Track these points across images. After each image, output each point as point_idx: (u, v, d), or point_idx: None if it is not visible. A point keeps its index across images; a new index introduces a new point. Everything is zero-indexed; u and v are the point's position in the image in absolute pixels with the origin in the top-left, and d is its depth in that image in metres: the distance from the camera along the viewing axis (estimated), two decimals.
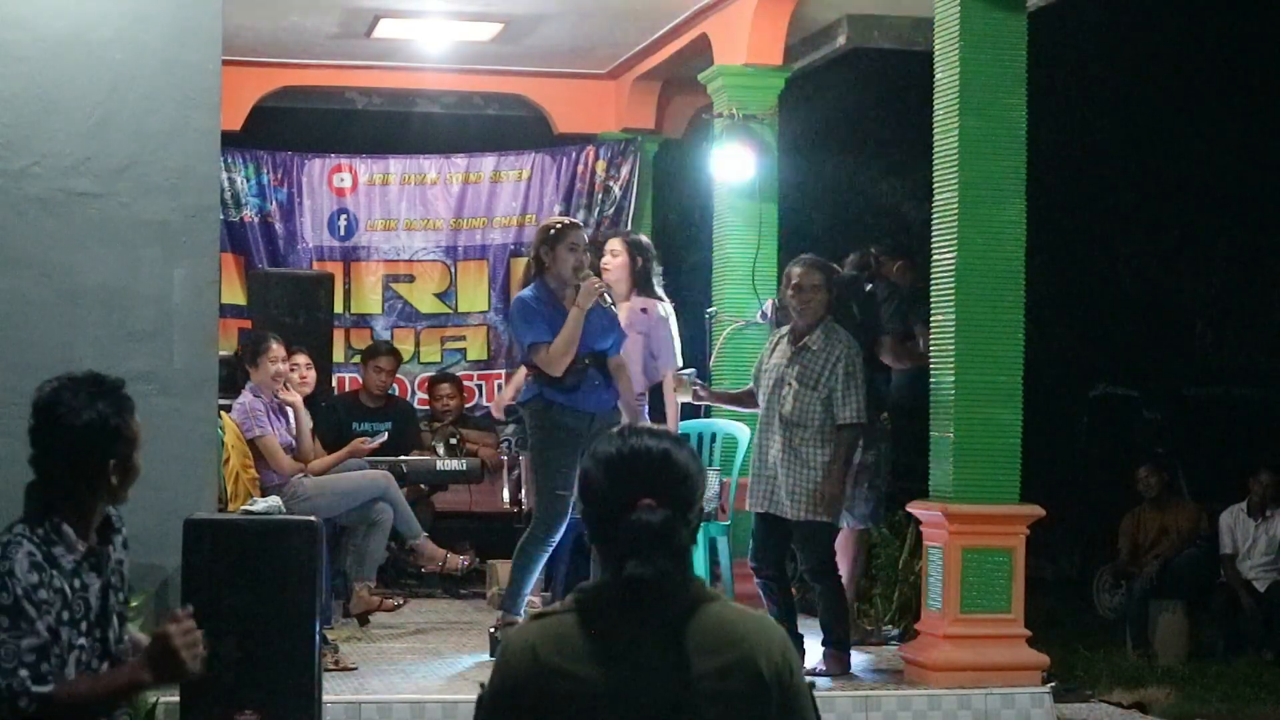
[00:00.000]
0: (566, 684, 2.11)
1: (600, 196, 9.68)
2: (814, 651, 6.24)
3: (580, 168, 9.72)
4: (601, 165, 9.69)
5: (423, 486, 8.27)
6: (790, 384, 6.18)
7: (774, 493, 6.16)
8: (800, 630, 6.24)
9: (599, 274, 6.53)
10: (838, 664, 6.11)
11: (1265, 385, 13.32)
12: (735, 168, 7.86)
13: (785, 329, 6.45)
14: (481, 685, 2.26)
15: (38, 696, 2.73)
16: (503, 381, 9.50)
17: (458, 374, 9.47)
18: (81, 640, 2.88)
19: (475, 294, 9.75)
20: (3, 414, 5.22)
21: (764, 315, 7.88)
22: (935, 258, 6.27)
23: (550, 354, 6.05)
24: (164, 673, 2.80)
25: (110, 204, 5.30)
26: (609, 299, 6.20)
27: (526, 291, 6.34)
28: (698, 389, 6.79)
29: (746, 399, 6.69)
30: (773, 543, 6.25)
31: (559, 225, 6.32)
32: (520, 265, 9.44)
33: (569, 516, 6.16)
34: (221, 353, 6.30)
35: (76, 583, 2.89)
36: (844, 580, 6.52)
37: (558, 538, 6.26)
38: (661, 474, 2.17)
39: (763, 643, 2.18)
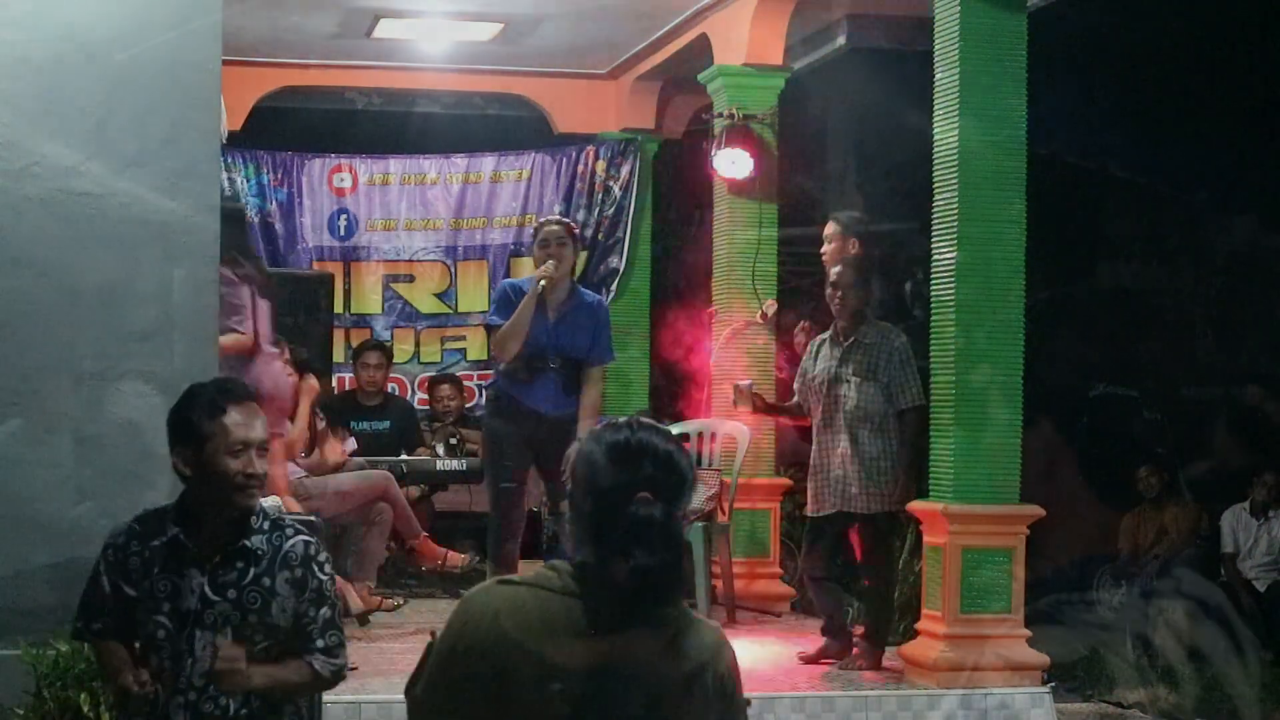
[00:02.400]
0: (522, 657, 2.10)
1: (600, 196, 9.68)
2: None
3: (580, 168, 9.72)
4: (601, 165, 9.69)
5: (423, 486, 8.27)
6: (848, 380, 6.23)
7: (845, 490, 6.18)
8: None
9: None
10: (873, 659, 6.18)
11: (1266, 386, 13.30)
12: (735, 168, 7.86)
13: (825, 334, 6.49)
14: (434, 634, 2.24)
15: (86, 643, 3.28)
16: None
17: (458, 374, 9.48)
18: (162, 619, 3.05)
19: (475, 294, 9.74)
20: (2, 414, 5.23)
21: (764, 316, 7.89)
22: (935, 257, 6.28)
23: (498, 335, 6.15)
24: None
25: (110, 204, 5.30)
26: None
27: (516, 279, 6.51)
28: (756, 400, 6.78)
29: (796, 411, 6.73)
30: (832, 543, 6.34)
31: (534, 227, 6.50)
32: (520, 265, 9.46)
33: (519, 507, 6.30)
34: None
35: (171, 563, 3.07)
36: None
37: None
38: (663, 472, 2.16)
39: (714, 653, 2.20)
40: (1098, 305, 15.42)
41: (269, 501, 5.08)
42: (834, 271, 6.38)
